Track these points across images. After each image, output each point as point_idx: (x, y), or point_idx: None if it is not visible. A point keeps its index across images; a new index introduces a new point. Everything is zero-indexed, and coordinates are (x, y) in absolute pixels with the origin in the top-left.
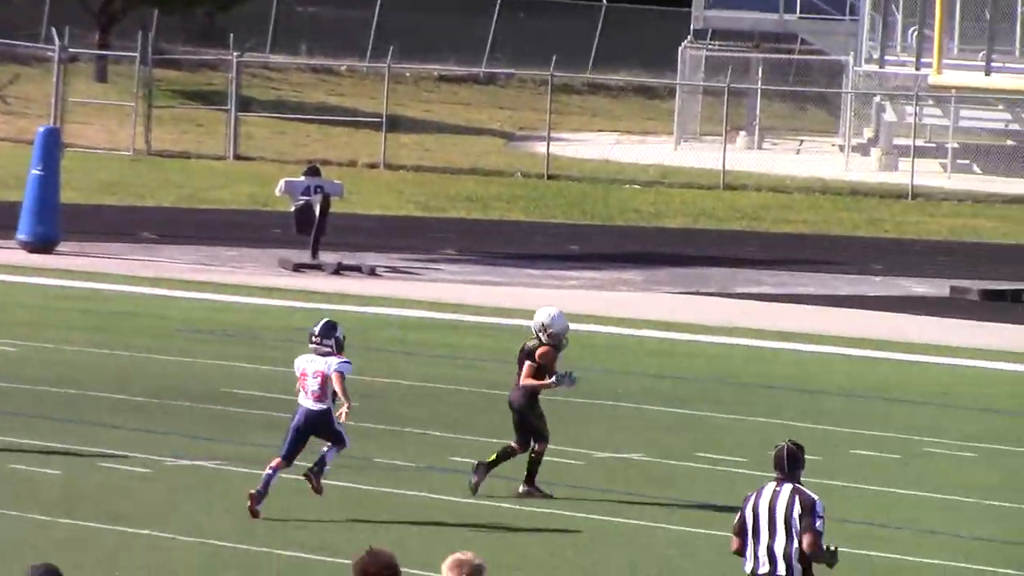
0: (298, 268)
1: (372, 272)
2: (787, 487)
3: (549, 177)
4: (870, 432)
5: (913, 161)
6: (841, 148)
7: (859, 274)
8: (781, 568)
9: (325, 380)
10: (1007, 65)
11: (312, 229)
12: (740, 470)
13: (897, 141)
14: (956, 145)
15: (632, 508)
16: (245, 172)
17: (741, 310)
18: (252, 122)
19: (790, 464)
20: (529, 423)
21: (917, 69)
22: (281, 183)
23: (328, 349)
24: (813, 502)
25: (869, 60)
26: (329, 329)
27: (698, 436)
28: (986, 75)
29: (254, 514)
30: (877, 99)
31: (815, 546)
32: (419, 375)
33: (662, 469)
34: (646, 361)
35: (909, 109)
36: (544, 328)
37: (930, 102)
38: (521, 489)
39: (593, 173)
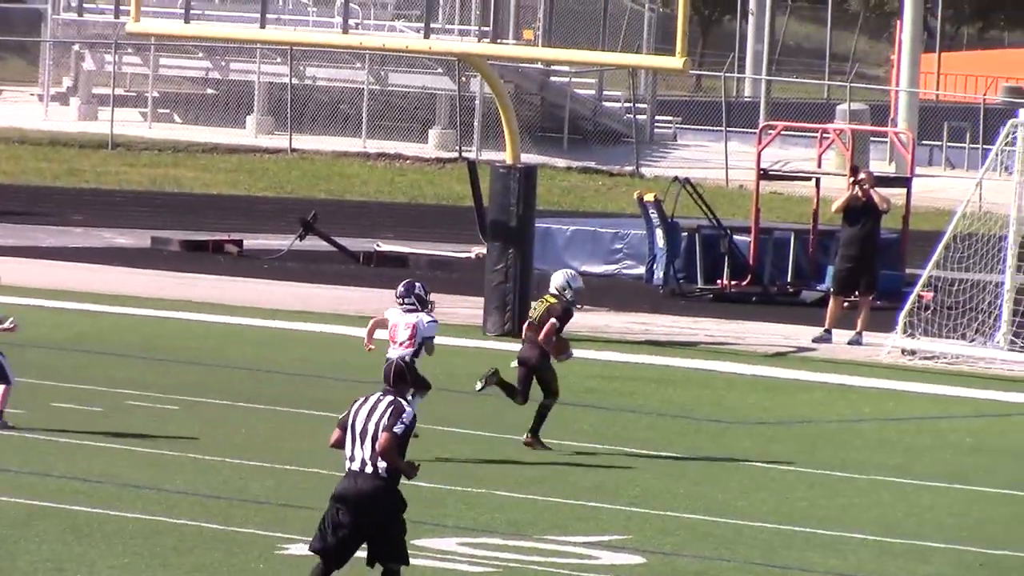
0: None
1: None
2: (388, 398)
3: None
4: (71, 385)
5: (113, 110)
6: (41, 98)
7: (60, 226)
8: (368, 469)
9: (415, 331)
10: (206, 12)
11: None
12: None
13: (97, 90)
14: (156, 94)
15: None
16: None
17: None
18: None
19: (395, 379)
20: (544, 379)
21: (116, 17)
22: None
23: (409, 307)
24: (403, 409)
25: (68, 8)
26: (408, 289)
27: None
28: (185, 22)
29: None
30: (76, 48)
31: (387, 443)
32: None
33: None
34: None
35: (108, 57)
36: (568, 287)
37: (130, 50)
38: (526, 438)
39: None
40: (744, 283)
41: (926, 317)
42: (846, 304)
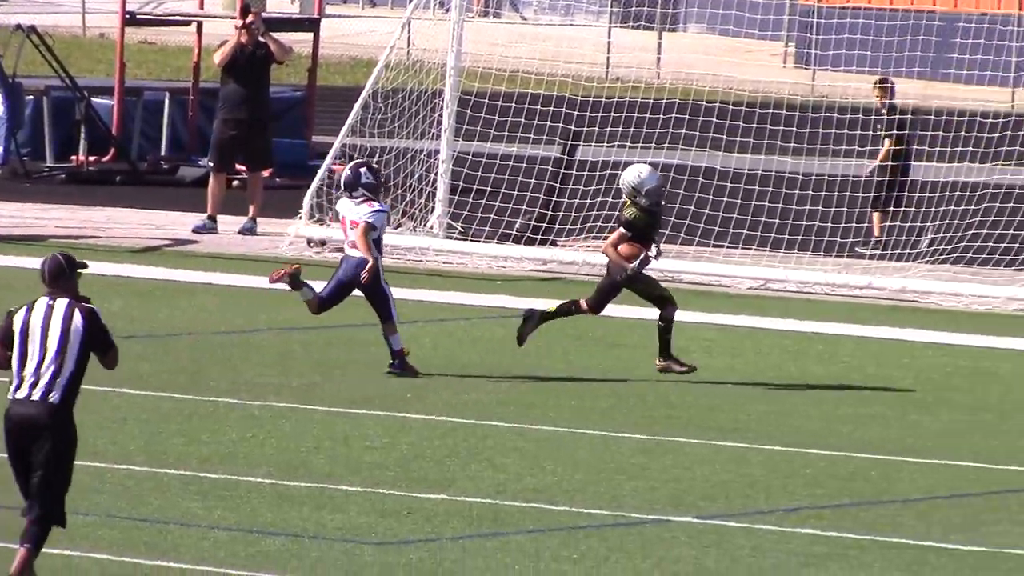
0: None
1: None
2: (62, 301)
3: None
4: None
5: None
6: None
7: None
8: (42, 391)
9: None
10: None
11: None
12: None
13: None
14: None
15: None
16: None
17: None
18: None
19: (55, 275)
20: (643, 292)
21: None
22: None
23: (361, 198)
24: (96, 314)
25: None
26: (355, 177)
27: None
28: None
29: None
30: None
31: (115, 361)
32: None
33: None
34: None
35: None
36: (637, 192)
37: None
38: (658, 363)
39: None
40: (106, 159)
41: (337, 198)
42: (236, 183)
